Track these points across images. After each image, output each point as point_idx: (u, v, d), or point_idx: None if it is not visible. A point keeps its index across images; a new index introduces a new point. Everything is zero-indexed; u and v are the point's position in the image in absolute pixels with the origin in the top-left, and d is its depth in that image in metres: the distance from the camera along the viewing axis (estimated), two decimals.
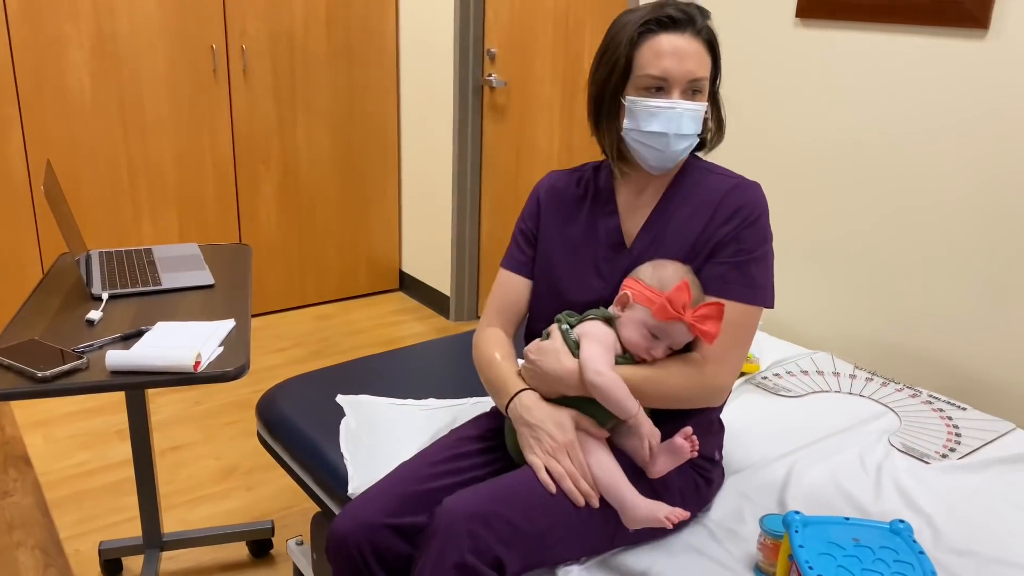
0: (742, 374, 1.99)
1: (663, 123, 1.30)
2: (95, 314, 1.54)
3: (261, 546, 2.20)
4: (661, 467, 1.34)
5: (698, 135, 1.36)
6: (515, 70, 3.29)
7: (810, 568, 1.08)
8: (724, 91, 2.37)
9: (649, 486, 1.35)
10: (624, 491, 1.28)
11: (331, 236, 3.93)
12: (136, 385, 1.30)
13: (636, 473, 1.35)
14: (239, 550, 2.22)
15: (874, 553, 1.12)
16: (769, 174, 2.31)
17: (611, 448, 1.36)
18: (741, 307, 1.34)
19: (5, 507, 2.37)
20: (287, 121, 3.65)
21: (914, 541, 1.14)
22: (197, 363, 1.33)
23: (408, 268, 4.14)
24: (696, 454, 1.34)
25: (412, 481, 1.36)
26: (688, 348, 1.37)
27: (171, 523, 2.32)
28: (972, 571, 1.33)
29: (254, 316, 3.82)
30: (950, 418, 1.83)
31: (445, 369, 2.09)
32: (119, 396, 3.01)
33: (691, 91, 1.31)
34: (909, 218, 2.02)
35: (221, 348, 1.44)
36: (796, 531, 1.15)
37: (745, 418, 1.82)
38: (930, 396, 1.93)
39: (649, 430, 1.30)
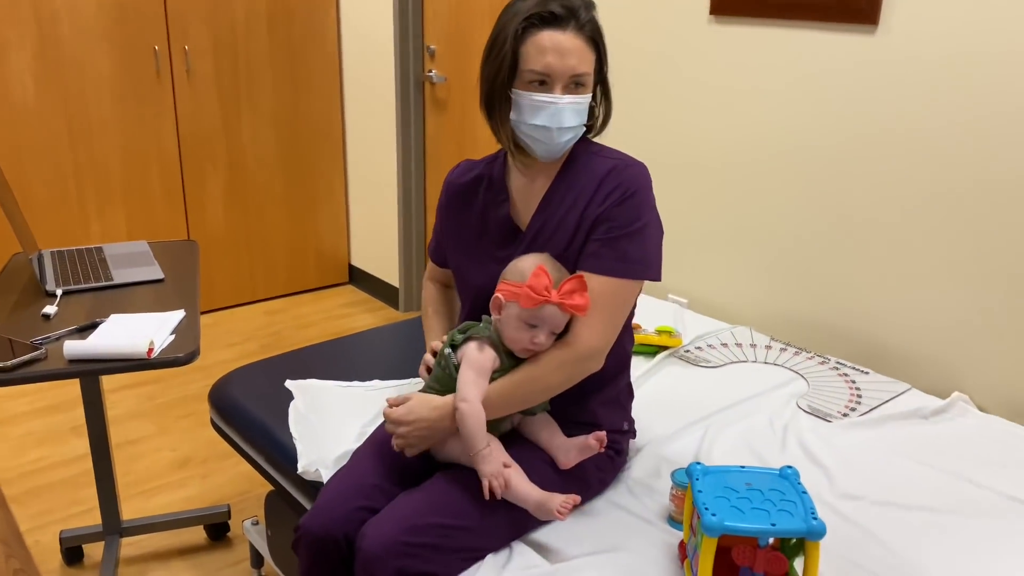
0: (665, 348, 2.14)
1: (546, 117, 1.37)
2: (50, 308, 1.63)
3: (218, 529, 2.29)
4: (572, 460, 1.42)
5: (584, 125, 1.44)
6: (454, 66, 3.40)
7: (706, 509, 1.22)
8: (642, 85, 2.51)
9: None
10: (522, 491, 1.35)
11: (279, 232, 4.00)
12: (93, 372, 1.40)
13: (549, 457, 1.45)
14: (197, 534, 2.32)
15: (763, 495, 1.27)
16: (687, 165, 2.46)
17: (522, 439, 1.46)
18: (612, 280, 1.39)
19: None
20: (232, 120, 3.72)
21: (799, 484, 1.29)
22: (150, 350, 1.43)
23: (357, 261, 4.23)
24: (603, 449, 1.42)
25: (371, 474, 1.43)
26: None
27: (130, 512, 2.40)
28: (861, 513, 1.49)
29: (205, 313, 3.88)
30: (853, 381, 2.00)
31: (390, 353, 2.21)
32: (73, 394, 3.07)
33: (574, 84, 1.38)
34: (816, 202, 2.18)
35: (172, 336, 1.54)
36: (697, 479, 1.30)
37: (666, 388, 1.96)
38: (837, 363, 2.10)
39: (491, 470, 1.32)
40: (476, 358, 1.38)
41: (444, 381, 1.44)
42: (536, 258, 1.41)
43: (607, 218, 1.41)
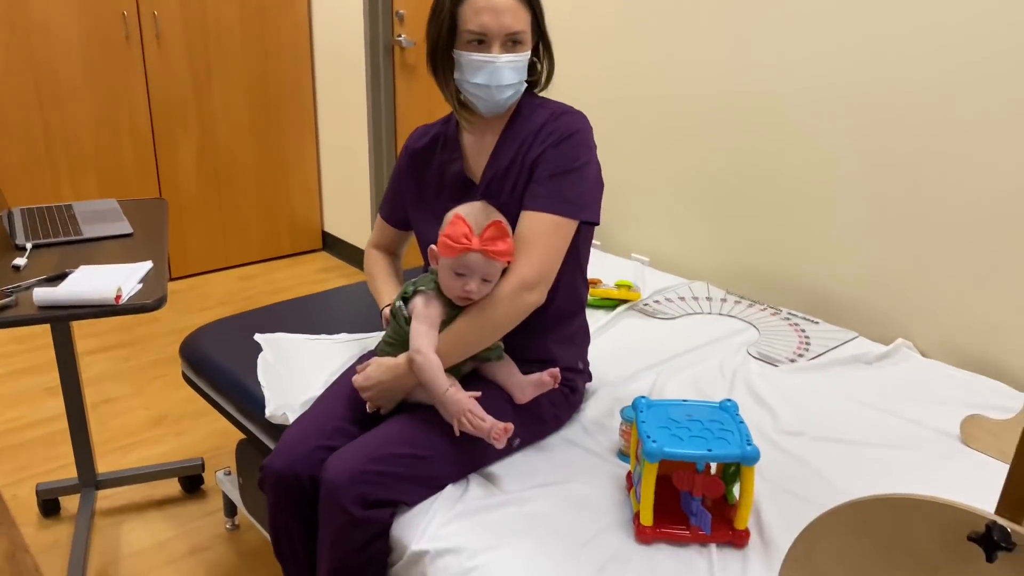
0: (624, 302, 2.21)
1: (486, 76, 1.44)
2: (20, 260, 1.67)
3: (193, 482, 2.35)
4: (527, 396, 1.50)
5: (526, 80, 1.51)
6: (424, 30, 3.42)
7: (648, 437, 1.29)
8: (592, 44, 2.56)
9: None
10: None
11: (252, 199, 4.03)
12: (62, 318, 1.44)
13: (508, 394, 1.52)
14: (172, 487, 2.38)
15: (703, 424, 1.34)
16: (643, 124, 2.52)
17: (482, 379, 1.53)
18: (546, 216, 1.45)
19: None
20: (203, 86, 3.73)
21: (738, 415, 1.37)
22: (118, 296, 1.48)
23: (330, 228, 4.27)
24: (557, 385, 1.49)
25: (333, 416, 1.50)
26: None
27: (105, 468, 2.45)
28: (800, 447, 1.57)
29: (178, 279, 3.91)
30: (803, 330, 2.09)
31: (357, 309, 2.26)
32: (45, 358, 3.11)
33: (511, 43, 1.44)
34: (768, 158, 2.25)
35: (140, 285, 1.59)
36: (641, 411, 1.37)
37: (624, 338, 2.04)
38: (789, 313, 2.18)
39: (458, 408, 1.36)
40: (423, 312, 1.45)
41: (400, 334, 1.51)
42: (463, 207, 1.46)
43: (544, 159, 1.48)
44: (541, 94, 1.61)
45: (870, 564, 0.92)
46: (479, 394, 1.41)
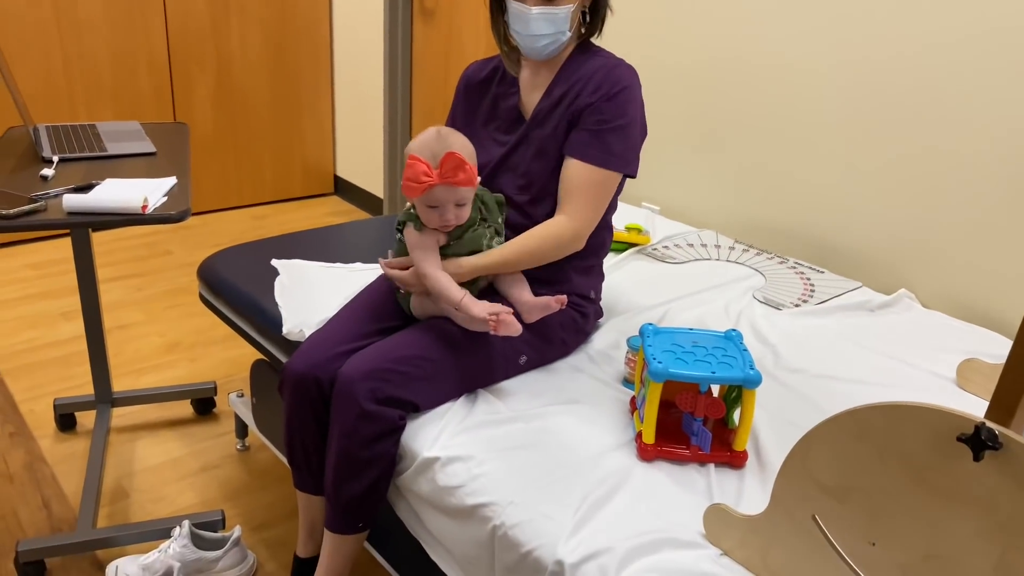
0: (634, 245, 2.25)
1: (521, 24, 1.54)
2: (48, 171, 1.71)
3: (205, 404, 2.42)
4: (533, 317, 1.55)
5: (566, 31, 1.56)
6: None
7: (654, 359, 1.34)
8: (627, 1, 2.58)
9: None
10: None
11: (266, 140, 4.06)
12: (89, 224, 1.49)
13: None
14: (185, 408, 2.44)
15: (707, 350, 1.39)
16: (657, 78, 2.54)
17: (493, 294, 1.60)
18: (597, 170, 1.56)
19: None
20: (221, 24, 3.73)
21: (742, 344, 1.42)
22: (144, 206, 1.52)
23: (342, 172, 4.29)
24: (562, 307, 1.55)
25: (352, 326, 1.57)
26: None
27: (120, 388, 2.52)
28: (801, 382, 1.62)
29: (192, 214, 3.95)
30: (809, 279, 2.13)
31: (372, 241, 2.31)
32: (62, 284, 3.16)
33: None
34: (779, 109, 2.27)
35: (165, 198, 1.63)
36: (647, 337, 1.42)
37: (631, 279, 2.08)
38: (796, 262, 2.22)
39: (480, 311, 1.43)
40: (417, 241, 1.51)
41: (402, 253, 1.59)
42: (414, 143, 1.48)
43: (597, 110, 1.56)
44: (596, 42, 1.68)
45: (863, 467, 0.97)
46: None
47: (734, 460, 1.35)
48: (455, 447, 1.37)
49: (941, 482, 0.91)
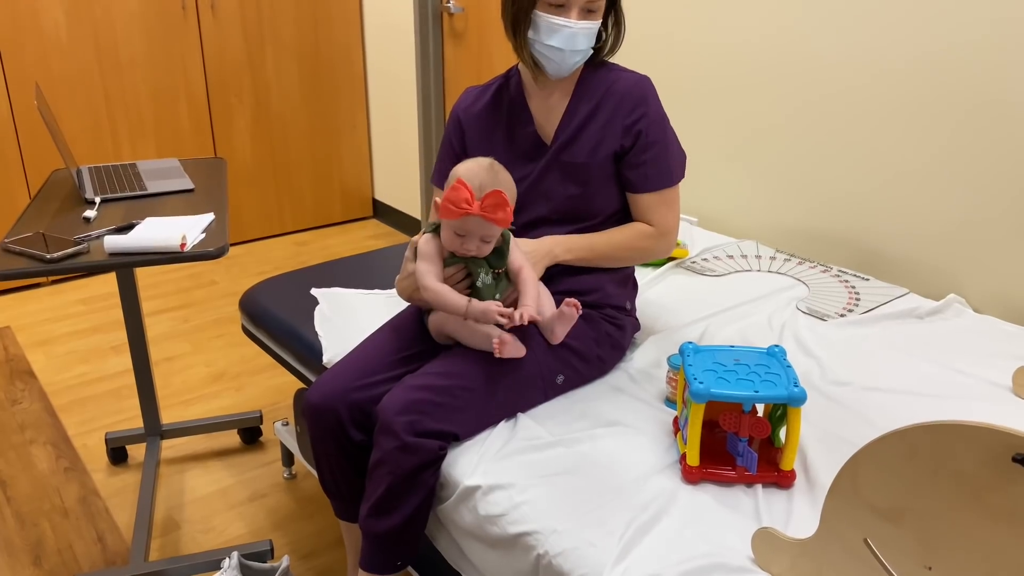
0: (672, 259, 2.22)
1: (561, 40, 1.50)
2: (90, 212, 1.75)
3: (251, 433, 2.44)
4: (559, 334, 1.53)
5: (593, 47, 1.56)
6: None
7: (695, 379, 1.32)
8: (646, 5, 2.56)
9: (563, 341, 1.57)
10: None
11: (305, 166, 4.11)
12: (131, 264, 1.51)
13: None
14: (232, 438, 2.47)
15: (750, 368, 1.36)
16: (693, 83, 2.52)
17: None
18: (664, 192, 1.62)
19: (15, 412, 2.60)
20: (256, 55, 3.80)
21: (785, 360, 1.38)
22: (183, 244, 1.55)
23: (380, 195, 4.33)
24: (580, 312, 1.50)
25: (371, 355, 1.57)
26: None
27: (168, 420, 2.56)
28: (848, 396, 1.58)
29: (234, 244, 4.02)
30: (853, 287, 2.08)
31: None
32: (111, 318, 3.23)
33: (587, 11, 1.51)
34: (817, 113, 2.23)
35: (203, 235, 1.65)
36: (687, 356, 1.39)
37: (671, 294, 2.05)
38: (839, 271, 2.17)
39: (489, 317, 1.41)
40: (424, 249, 1.49)
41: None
42: (465, 167, 1.47)
43: (642, 136, 1.59)
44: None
45: (915, 488, 0.94)
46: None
47: (782, 480, 1.32)
48: (496, 473, 1.36)
49: (1000, 503, 0.87)
